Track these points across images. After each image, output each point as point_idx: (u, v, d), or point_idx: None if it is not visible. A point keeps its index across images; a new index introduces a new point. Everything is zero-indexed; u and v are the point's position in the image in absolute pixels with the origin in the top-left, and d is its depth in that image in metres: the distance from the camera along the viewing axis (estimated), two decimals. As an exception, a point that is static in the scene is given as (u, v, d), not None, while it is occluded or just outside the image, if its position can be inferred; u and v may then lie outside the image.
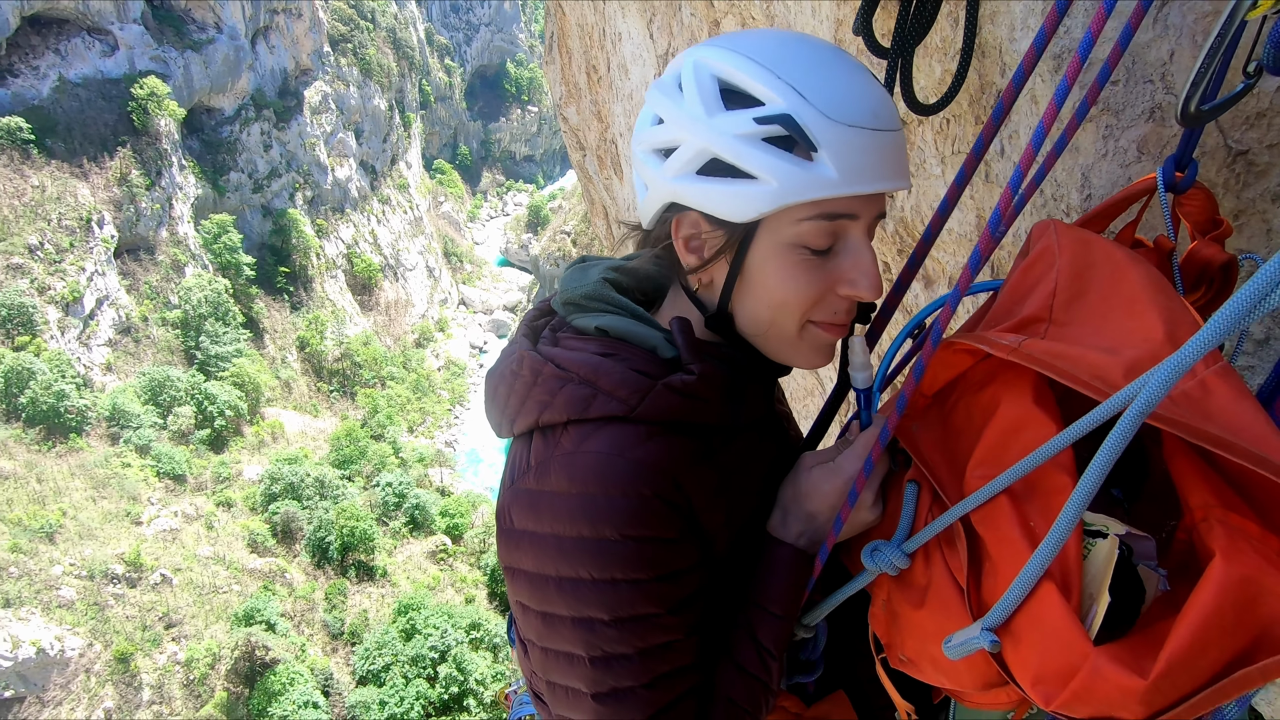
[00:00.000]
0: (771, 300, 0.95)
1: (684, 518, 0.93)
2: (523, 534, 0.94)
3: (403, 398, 53.59)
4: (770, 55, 0.87)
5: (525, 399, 0.97)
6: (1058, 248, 0.88)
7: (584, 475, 0.90)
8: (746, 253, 0.93)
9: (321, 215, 58.48)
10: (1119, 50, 0.91)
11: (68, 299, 38.78)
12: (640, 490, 0.89)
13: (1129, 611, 0.72)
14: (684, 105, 0.90)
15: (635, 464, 0.90)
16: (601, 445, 0.91)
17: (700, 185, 0.90)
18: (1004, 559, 0.75)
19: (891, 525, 0.97)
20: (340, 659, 34.56)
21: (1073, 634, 0.67)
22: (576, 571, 0.91)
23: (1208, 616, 0.60)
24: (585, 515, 0.89)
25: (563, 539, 0.91)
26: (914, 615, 0.90)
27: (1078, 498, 0.64)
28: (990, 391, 0.86)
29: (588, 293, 1.04)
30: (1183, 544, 0.72)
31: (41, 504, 32.49)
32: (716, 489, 0.98)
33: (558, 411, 0.94)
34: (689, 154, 0.90)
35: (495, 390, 1.04)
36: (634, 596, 0.91)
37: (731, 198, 0.89)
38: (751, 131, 0.86)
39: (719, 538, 1.00)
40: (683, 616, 0.95)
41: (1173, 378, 0.55)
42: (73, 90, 43.00)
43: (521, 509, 0.94)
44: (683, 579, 0.95)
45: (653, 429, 0.92)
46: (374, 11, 68.63)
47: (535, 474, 0.93)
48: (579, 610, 0.92)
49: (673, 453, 0.93)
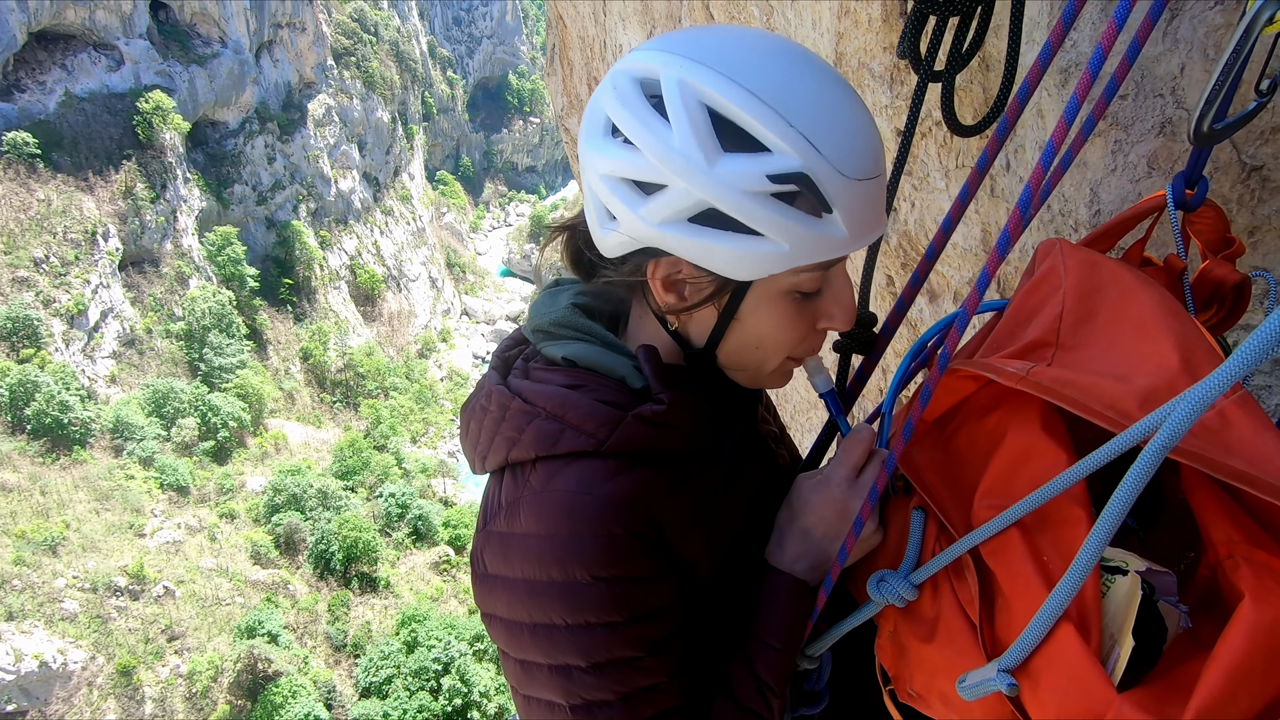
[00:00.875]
0: (761, 343, 0.93)
1: (659, 553, 0.90)
2: (495, 579, 0.91)
3: (406, 408, 53.59)
4: (774, 92, 0.77)
5: (494, 435, 0.94)
6: (1064, 269, 0.86)
7: (552, 515, 0.86)
8: (740, 302, 0.90)
9: (325, 227, 58.73)
10: (1126, 64, 0.89)
11: (72, 311, 38.94)
12: (610, 528, 0.86)
13: (1150, 651, 0.69)
14: (671, 141, 0.78)
15: (604, 501, 0.86)
16: (569, 483, 0.87)
17: (694, 238, 0.82)
18: (1017, 595, 0.72)
19: (895, 551, 0.94)
20: (343, 671, 34.40)
21: (1094, 679, 0.64)
22: (549, 617, 0.87)
23: (1238, 663, 0.57)
24: (554, 558, 0.86)
25: (533, 583, 0.87)
26: (923, 649, 0.86)
27: (1096, 537, 0.61)
28: (996, 418, 0.83)
29: (556, 319, 1.01)
30: (1205, 579, 0.69)
31: (45, 516, 32.48)
32: (695, 516, 0.95)
33: (526, 448, 0.91)
34: (682, 202, 0.80)
35: (467, 426, 1.01)
36: (610, 640, 0.88)
37: (735, 256, 0.82)
38: (762, 189, 0.78)
39: (701, 565, 0.96)
40: (664, 658, 0.91)
41: (1197, 411, 0.52)
42: (79, 105, 43.36)
43: (493, 553, 0.92)
44: (661, 618, 0.91)
45: (623, 462, 0.89)
46: (377, 25, 69.18)
47: (506, 515, 0.90)
48: (555, 658, 0.89)
49: (644, 486, 0.89)
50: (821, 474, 1.01)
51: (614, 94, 0.83)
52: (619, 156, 0.83)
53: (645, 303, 0.98)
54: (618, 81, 0.84)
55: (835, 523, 0.99)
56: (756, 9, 2.50)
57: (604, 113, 0.85)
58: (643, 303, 1.00)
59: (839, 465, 1.00)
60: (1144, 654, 0.67)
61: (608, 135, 0.85)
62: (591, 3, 5.05)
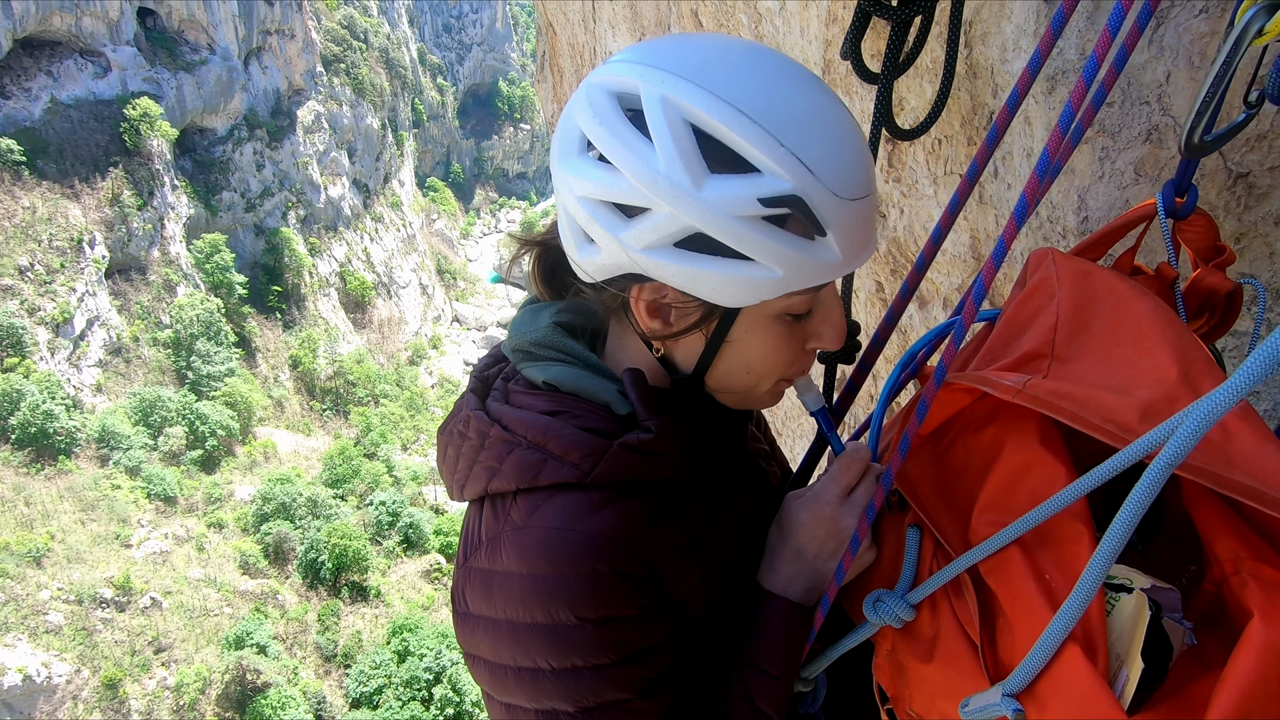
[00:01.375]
0: (751, 367, 0.90)
1: (647, 591, 0.86)
2: (478, 619, 0.87)
3: (396, 415, 53.30)
4: (762, 109, 0.73)
5: (473, 464, 0.90)
6: (1057, 279, 0.85)
7: (534, 553, 0.82)
8: (729, 327, 0.86)
9: (314, 234, 58.49)
10: (1115, 72, 0.89)
11: (58, 320, 38.56)
12: (595, 567, 0.81)
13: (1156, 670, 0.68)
14: (655, 163, 0.74)
15: (588, 538, 0.82)
16: (552, 519, 0.83)
17: (681, 263, 0.77)
18: (1019, 616, 0.71)
19: (891, 569, 0.92)
20: (333, 682, 34.07)
21: (1103, 703, 0.62)
22: (534, 660, 0.83)
23: (1250, 684, 0.55)
24: (538, 598, 0.82)
25: (517, 625, 0.83)
26: (922, 669, 0.85)
27: (1102, 557, 0.59)
28: (992, 431, 0.82)
29: (537, 339, 0.95)
30: (1209, 595, 0.68)
31: (29, 527, 32.06)
32: (685, 547, 0.91)
33: (506, 480, 0.86)
34: (668, 227, 0.76)
35: (444, 451, 0.97)
36: (598, 684, 0.84)
37: (725, 283, 0.78)
38: (753, 213, 0.74)
39: (693, 600, 0.93)
40: (656, 699, 0.88)
41: (1204, 427, 0.51)
42: (65, 111, 43.05)
43: (475, 591, 0.87)
44: (652, 658, 0.87)
45: (607, 495, 0.85)
46: (367, 32, 69.14)
47: (487, 551, 0.86)
48: (541, 702, 0.85)
49: (630, 519, 0.85)
50: (812, 492, 0.99)
51: (590, 109, 0.78)
52: (597, 178, 0.78)
53: (626, 321, 0.94)
54: (593, 95, 0.79)
55: (828, 542, 0.96)
56: (745, 16, 2.50)
57: (579, 129, 0.80)
58: (623, 320, 0.95)
59: (831, 483, 0.97)
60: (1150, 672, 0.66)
61: (583, 153, 0.80)
62: (581, 10, 5.06)
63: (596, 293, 0.91)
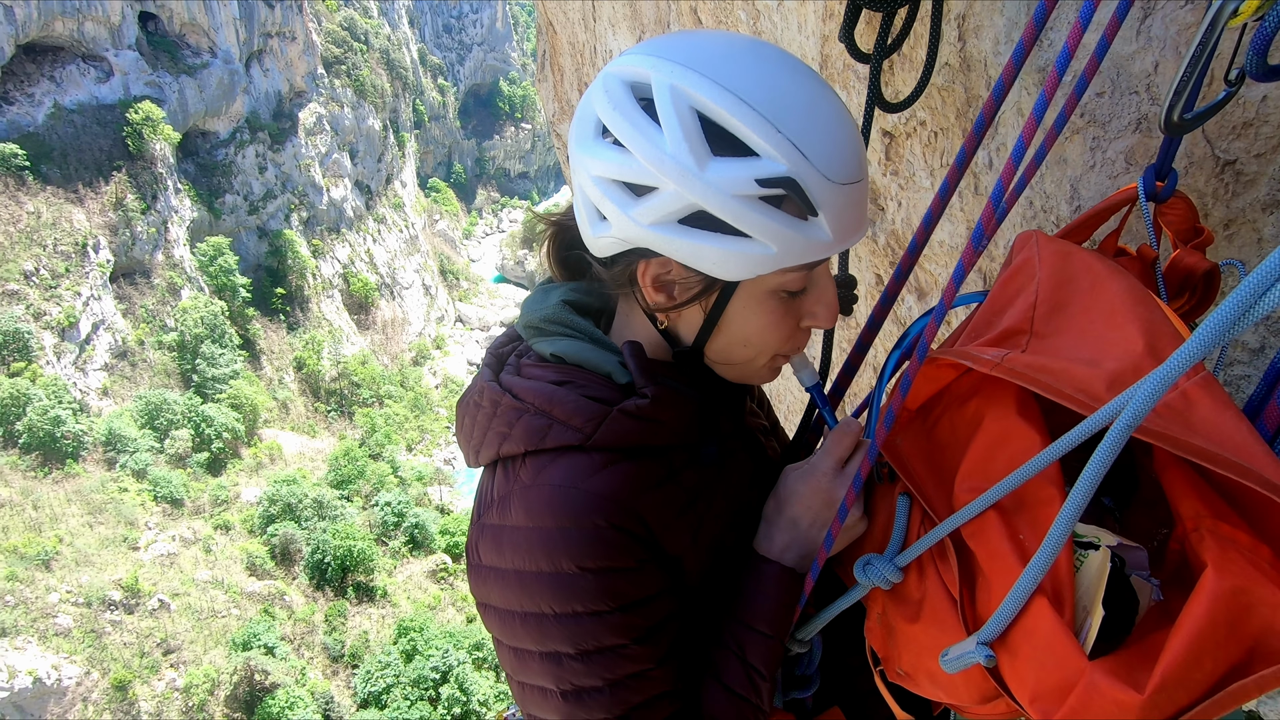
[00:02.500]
0: (749, 341, 0.96)
1: (644, 545, 0.93)
2: (489, 570, 0.95)
3: (401, 416, 53.46)
4: (763, 98, 0.79)
5: (487, 431, 0.97)
6: (1038, 259, 0.89)
7: (540, 509, 0.90)
8: (727, 301, 0.93)
9: (317, 235, 58.64)
10: (1095, 62, 0.92)
11: (64, 324, 38.74)
12: (595, 521, 0.89)
13: (1123, 623, 0.72)
14: (663, 145, 0.80)
15: (589, 495, 0.89)
16: (556, 477, 0.90)
17: (684, 239, 0.84)
18: (996, 573, 0.75)
19: (882, 536, 0.96)
20: (341, 682, 34.20)
21: (1067, 649, 0.67)
22: (539, 606, 0.91)
23: (1201, 629, 0.60)
24: (543, 549, 0.89)
25: (524, 574, 0.91)
26: (910, 629, 0.89)
27: (1067, 513, 0.64)
28: (974, 405, 0.86)
29: (547, 316, 1.03)
30: (1175, 554, 0.72)
31: (38, 531, 32.24)
32: (679, 509, 0.98)
33: (516, 443, 0.94)
34: (673, 205, 0.82)
35: (462, 421, 1.04)
36: (597, 629, 0.91)
37: (724, 257, 0.85)
38: (751, 193, 0.81)
39: (688, 557, 0.99)
40: (651, 645, 0.94)
41: (1158, 392, 0.55)
42: (68, 116, 43.22)
43: (487, 544, 0.95)
44: (648, 607, 0.94)
45: (609, 456, 0.92)
46: (367, 33, 69.23)
47: (498, 508, 0.94)
48: (545, 645, 0.92)
49: (629, 480, 0.92)
50: (808, 464, 1.04)
51: (605, 97, 0.85)
52: (610, 159, 0.85)
53: (634, 299, 1.00)
54: (609, 84, 0.86)
55: (822, 511, 1.02)
56: (743, 12, 2.53)
57: (595, 115, 0.87)
58: (630, 299, 1.02)
59: (826, 455, 1.03)
60: (1117, 625, 0.70)
61: (599, 137, 0.87)
62: (581, 8, 5.09)
63: (607, 269, 0.97)
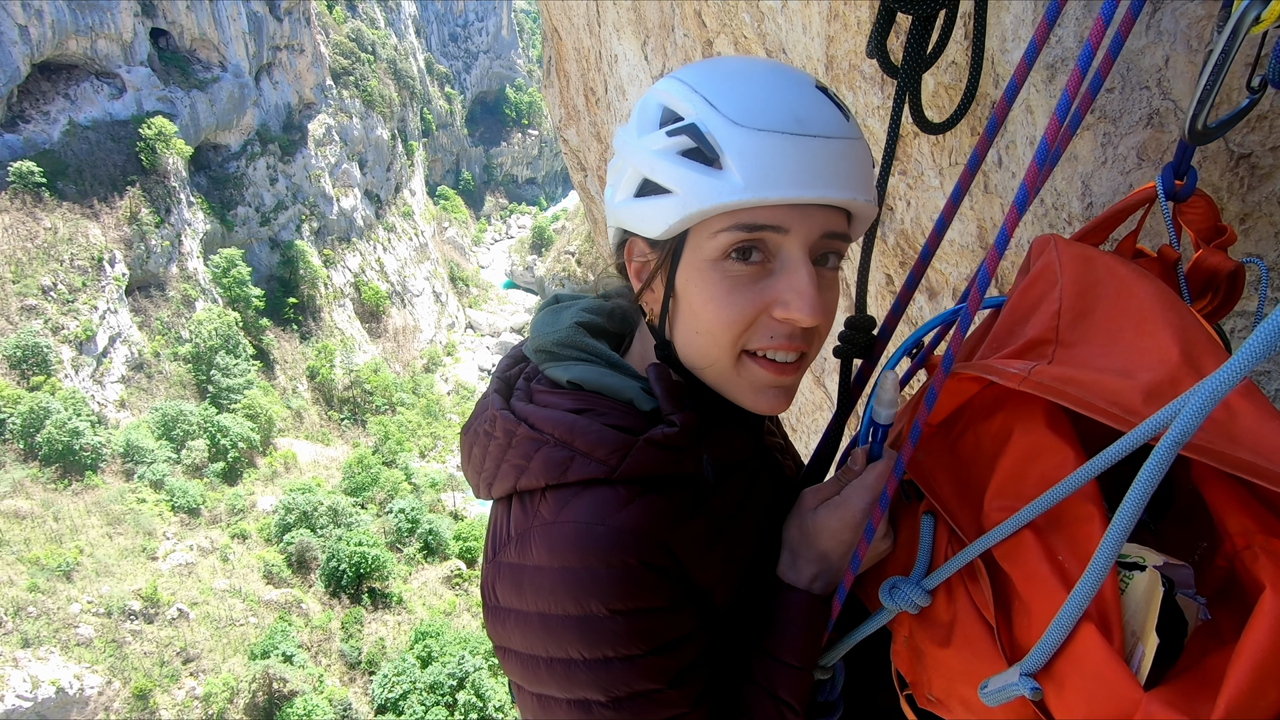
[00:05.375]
0: (699, 324, 0.89)
1: (675, 582, 0.88)
2: (509, 612, 0.89)
3: (413, 423, 53.70)
4: (700, 75, 0.88)
5: (500, 463, 0.92)
6: (1059, 264, 0.86)
7: (564, 548, 0.84)
8: (675, 273, 0.90)
9: (328, 245, 59.11)
10: (1110, 59, 0.90)
11: (81, 338, 39.25)
12: (625, 560, 0.83)
13: (1172, 644, 0.68)
14: (627, 132, 0.92)
15: (617, 532, 0.84)
16: (580, 514, 0.85)
17: (633, 207, 0.90)
18: (1035, 597, 0.72)
19: (905, 557, 0.93)
20: (358, 688, 34.34)
21: (1120, 679, 0.63)
22: (566, 652, 0.85)
23: (1265, 655, 0.56)
24: (569, 591, 0.83)
25: (548, 617, 0.85)
26: (940, 654, 0.86)
27: (1113, 536, 0.60)
28: (1000, 418, 0.83)
29: (560, 339, 0.99)
30: (1221, 570, 0.68)
31: (58, 542, 32.62)
32: (709, 539, 0.93)
33: (535, 477, 0.88)
34: (626, 178, 0.91)
35: (470, 451, 0.98)
36: (629, 674, 0.85)
37: (651, 213, 0.88)
38: (665, 145, 0.86)
39: (718, 591, 0.94)
40: (685, 689, 0.89)
41: (1207, 407, 0.52)
42: (82, 133, 43.86)
43: (505, 586, 0.89)
44: (681, 649, 0.88)
45: (634, 489, 0.87)
46: (374, 44, 69.80)
47: (516, 546, 0.88)
48: (573, 692, 0.87)
49: (657, 513, 0.86)
50: (840, 497, 0.98)
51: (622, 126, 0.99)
52: (610, 164, 0.96)
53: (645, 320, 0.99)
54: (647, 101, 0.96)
55: (855, 544, 0.97)
56: (747, 15, 2.52)
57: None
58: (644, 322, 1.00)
59: (864, 491, 0.96)
60: (1165, 648, 0.67)
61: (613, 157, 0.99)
62: (586, 14, 5.09)
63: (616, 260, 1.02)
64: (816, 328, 0.90)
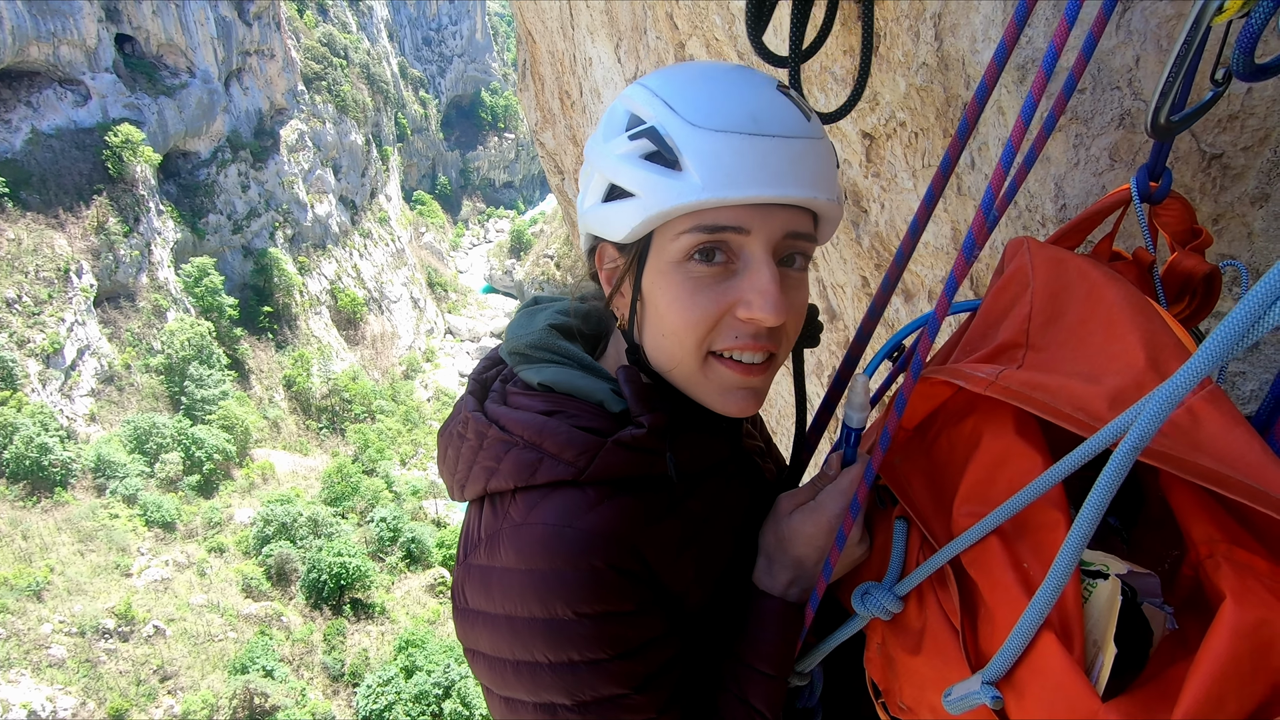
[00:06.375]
0: (664, 326, 0.89)
1: (644, 586, 0.87)
2: (477, 614, 0.89)
3: (393, 431, 53.16)
4: (662, 79, 0.88)
5: (472, 464, 0.92)
6: (1031, 268, 0.85)
7: (532, 550, 0.84)
8: (642, 276, 0.90)
9: (303, 252, 58.37)
10: (1083, 60, 0.89)
11: (48, 351, 38.33)
12: (591, 562, 0.83)
13: (1137, 656, 0.67)
14: (595, 139, 0.93)
15: (585, 534, 0.83)
16: (549, 515, 0.85)
17: (600, 212, 0.90)
18: (999, 605, 0.71)
19: (880, 562, 0.92)
20: (342, 701, 33.87)
21: (1078, 689, 0.62)
22: (532, 654, 0.85)
23: (1223, 666, 0.55)
24: (536, 594, 0.83)
25: (515, 619, 0.85)
26: (910, 661, 0.84)
27: (1072, 542, 0.59)
28: (971, 422, 0.82)
29: (533, 342, 0.99)
30: (1188, 579, 0.68)
31: (28, 561, 31.80)
32: (681, 542, 0.92)
33: (504, 478, 0.88)
34: (594, 184, 0.92)
35: (444, 452, 0.99)
36: (595, 678, 0.85)
37: (616, 216, 0.88)
38: (628, 149, 0.86)
39: (690, 595, 0.93)
40: (652, 694, 0.88)
41: (1165, 412, 0.51)
42: (46, 141, 42.87)
43: (474, 587, 0.89)
44: (649, 653, 0.88)
45: (603, 491, 0.87)
46: (346, 48, 69.08)
47: (486, 548, 0.88)
48: (539, 695, 0.87)
49: (626, 515, 0.86)
50: (814, 502, 0.97)
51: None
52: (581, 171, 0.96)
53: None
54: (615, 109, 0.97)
55: (828, 549, 0.96)
56: (718, 17, 2.50)
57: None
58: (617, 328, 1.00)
59: (838, 495, 0.96)
60: (1130, 658, 0.66)
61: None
62: (559, 17, 5.06)
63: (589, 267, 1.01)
64: (783, 327, 0.90)
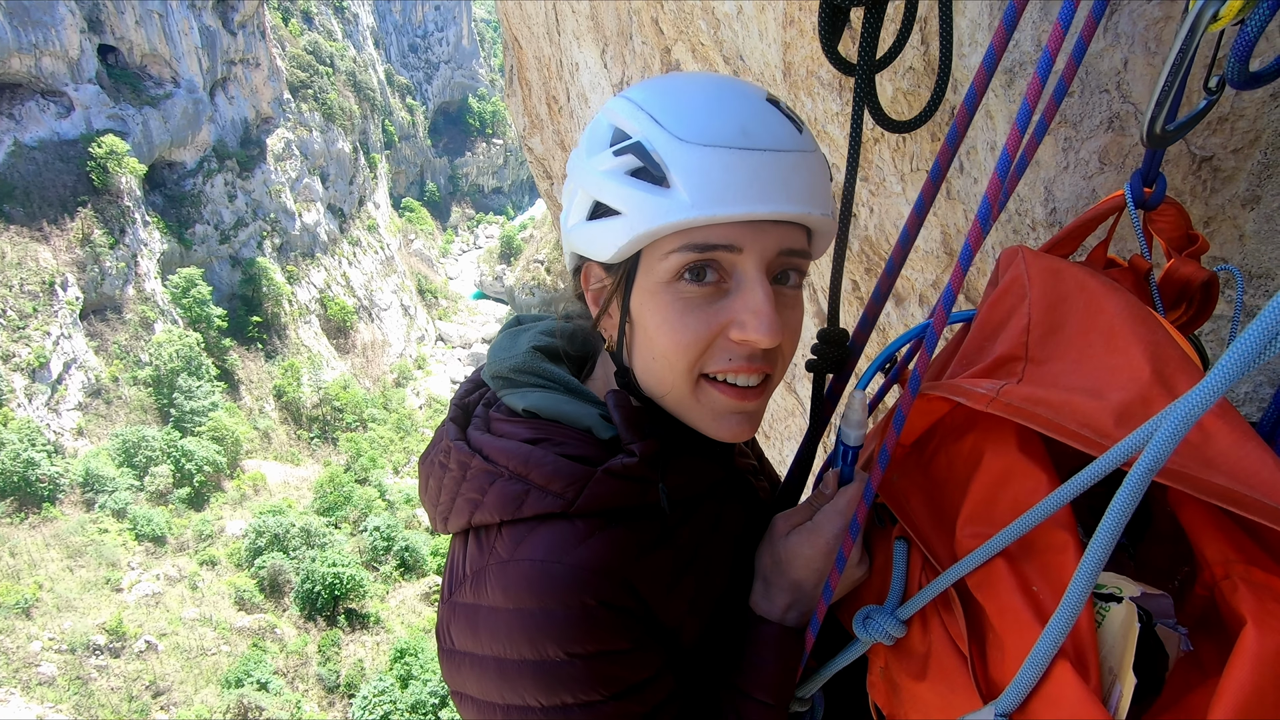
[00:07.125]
0: (654, 348, 0.86)
1: (637, 622, 0.83)
2: (464, 656, 0.84)
3: (386, 439, 52.85)
4: (647, 91, 0.85)
5: (455, 496, 0.88)
6: (1027, 278, 0.83)
7: (519, 588, 0.79)
8: (630, 297, 0.86)
9: (291, 261, 58.04)
10: (1074, 65, 0.87)
11: (34, 365, 37.91)
12: (583, 600, 0.79)
13: (1152, 680, 0.65)
14: (578, 154, 0.89)
15: (575, 570, 0.79)
16: (536, 551, 0.80)
17: (585, 230, 0.87)
18: (1009, 631, 0.68)
19: (881, 583, 0.90)
20: (338, 713, 33.58)
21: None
22: (523, 698, 0.81)
23: (1247, 696, 0.53)
24: (525, 634, 0.79)
25: (504, 661, 0.80)
26: (915, 687, 0.82)
27: (1087, 569, 0.57)
28: (971, 439, 0.80)
29: (516, 365, 0.95)
30: (1202, 598, 0.65)
31: (16, 579, 31.40)
32: (675, 572, 0.88)
33: (489, 512, 0.84)
34: (578, 201, 0.88)
35: (426, 483, 0.95)
36: None
37: (602, 235, 0.84)
38: (613, 165, 0.82)
39: (685, 628, 0.90)
40: None
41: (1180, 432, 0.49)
42: (29, 154, 42.45)
43: (460, 627, 0.84)
44: (645, 692, 0.84)
45: (593, 523, 0.82)
46: (332, 56, 68.84)
47: (472, 586, 0.83)
48: None
49: (618, 548, 0.82)
50: (811, 523, 0.94)
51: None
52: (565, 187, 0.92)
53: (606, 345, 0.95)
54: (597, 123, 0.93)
55: (828, 572, 0.93)
56: (704, 22, 2.48)
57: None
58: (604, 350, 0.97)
59: (835, 516, 0.93)
60: (1146, 682, 0.64)
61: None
62: (545, 23, 5.04)
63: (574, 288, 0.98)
64: (778, 348, 0.87)
